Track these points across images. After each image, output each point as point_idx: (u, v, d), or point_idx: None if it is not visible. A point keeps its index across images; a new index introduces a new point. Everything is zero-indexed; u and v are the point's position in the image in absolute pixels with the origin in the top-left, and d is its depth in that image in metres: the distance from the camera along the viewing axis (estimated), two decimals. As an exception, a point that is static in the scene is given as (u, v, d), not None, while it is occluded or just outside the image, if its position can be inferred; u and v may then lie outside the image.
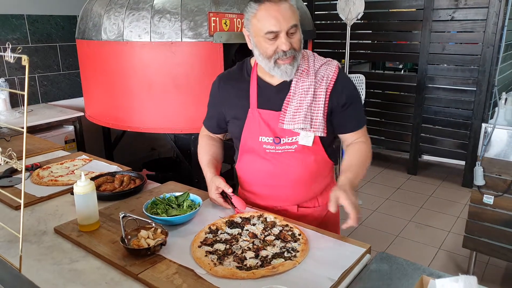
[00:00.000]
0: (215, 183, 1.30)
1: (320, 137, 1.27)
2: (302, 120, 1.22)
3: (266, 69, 1.24)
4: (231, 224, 1.17)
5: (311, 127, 1.24)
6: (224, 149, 1.51)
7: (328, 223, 1.40)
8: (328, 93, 1.26)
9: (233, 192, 1.28)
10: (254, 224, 1.17)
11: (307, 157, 1.29)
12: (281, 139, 1.27)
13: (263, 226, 1.16)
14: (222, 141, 1.53)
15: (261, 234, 1.12)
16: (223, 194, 1.30)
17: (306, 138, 1.25)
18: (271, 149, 1.28)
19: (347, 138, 1.34)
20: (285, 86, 1.27)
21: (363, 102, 3.63)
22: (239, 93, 1.32)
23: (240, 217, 1.21)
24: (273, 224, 1.17)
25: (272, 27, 1.15)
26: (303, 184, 1.32)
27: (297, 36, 1.19)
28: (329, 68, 1.27)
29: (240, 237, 1.11)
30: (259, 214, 1.22)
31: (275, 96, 1.28)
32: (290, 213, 1.35)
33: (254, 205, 1.37)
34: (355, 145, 1.32)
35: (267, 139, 1.28)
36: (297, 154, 1.28)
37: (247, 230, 1.14)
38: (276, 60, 1.19)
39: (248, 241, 1.09)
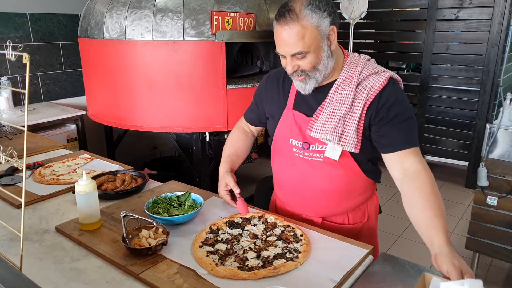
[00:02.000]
0: (225, 180, 1.30)
1: (352, 153, 1.17)
2: (331, 131, 1.13)
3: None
4: (232, 224, 1.17)
5: (339, 140, 1.14)
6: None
7: (361, 237, 1.28)
8: (367, 106, 1.12)
9: (240, 193, 1.28)
10: (254, 225, 1.17)
11: (335, 170, 1.19)
12: (310, 146, 1.20)
13: (264, 227, 1.15)
14: (253, 137, 1.49)
15: (262, 235, 1.11)
16: (232, 192, 1.30)
17: (333, 151, 1.16)
18: (300, 153, 1.23)
19: (392, 161, 1.13)
20: (325, 91, 1.19)
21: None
22: (281, 91, 1.30)
23: (241, 218, 1.21)
24: (274, 225, 1.16)
25: (278, 49, 1.13)
26: (329, 198, 1.24)
27: (306, 60, 1.10)
28: (377, 79, 1.13)
29: (241, 238, 1.10)
30: (259, 215, 1.22)
31: (312, 100, 1.21)
32: (315, 224, 1.27)
33: (282, 211, 1.36)
34: (411, 180, 1.08)
35: (297, 143, 1.23)
36: (325, 164, 1.19)
37: (247, 230, 1.14)
38: (291, 75, 1.17)
39: (249, 241, 1.08)
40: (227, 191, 1.29)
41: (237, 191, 1.27)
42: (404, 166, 1.10)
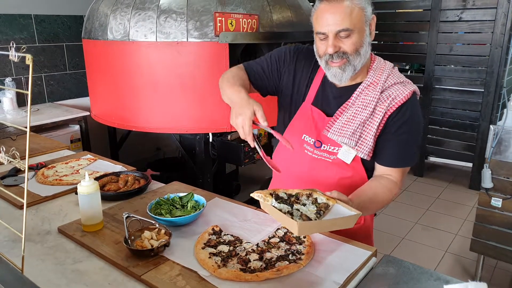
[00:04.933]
0: (254, 106, 1.03)
1: (362, 158, 1.17)
2: (349, 135, 1.12)
3: (322, 66, 1.18)
4: (278, 198, 1.03)
5: (355, 145, 1.14)
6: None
7: (358, 235, 1.24)
8: (387, 115, 1.13)
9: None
10: (304, 205, 1.03)
11: (343, 172, 1.19)
12: (323, 145, 1.19)
13: (316, 209, 1.01)
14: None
15: (263, 243, 1.11)
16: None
17: (347, 154, 1.16)
18: (310, 151, 1.21)
19: (379, 170, 1.19)
20: (348, 92, 1.18)
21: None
22: (304, 77, 1.25)
23: (285, 193, 1.06)
24: (326, 207, 1.01)
25: (320, 28, 1.10)
26: None
27: (350, 40, 1.09)
28: (402, 89, 1.13)
29: (242, 242, 1.10)
30: (307, 193, 1.05)
31: (333, 99, 1.20)
32: None
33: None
34: (383, 178, 1.17)
35: (309, 140, 1.21)
36: (333, 166, 1.19)
37: (297, 209, 1.00)
38: (327, 61, 1.13)
39: (251, 243, 1.08)
40: (252, 123, 1.02)
41: (265, 123, 1.02)
42: (384, 174, 1.19)
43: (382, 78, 1.15)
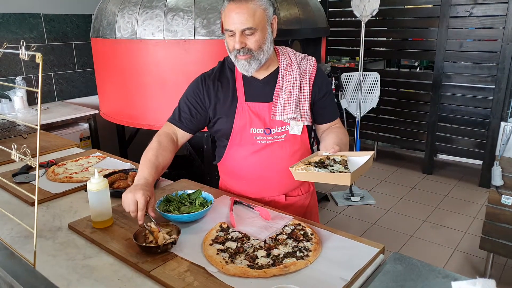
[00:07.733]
0: (148, 194, 1.11)
1: (307, 126, 1.36)
2: (293, 110, 1.30)
3: (232, 59, 1.30)
4: (317, 164, 1.13)
5: (301, 117, 1.32)
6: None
7: (312, 213, 1.50)
8: (311, 85, 1.35)
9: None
10: (332, 165, 1.14)
11: (294, 146, 1.35)
12: (272, 130, 1.32)
13: (342, 166, 1.13)
14: (177, 149, 1.41)
15: (270, 240, 1.11)
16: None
17: (296, 128, 1.33)
18: (262, 139, 1.33)
19: (323, 128, 1.41)
20: (272, 79, 1.34)
21: (377, 100, 3.60)
22: (225, 89, 1.36)
23: (310, 162, 1.15)
24: (346, 162, 1.15)
25: (228, 26, 1.22)
26: (289, 174, 1.21)
27: (254, 38, 1.22)
28: (309, 62, 1.37)
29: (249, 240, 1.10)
30: (325, 156, 1.17)
31: (262, 89, 1.34)
32: (278, 202, 1.40)
33: (242, 198, 1.36)
34: (335, 128, 1.39)
35: (258, 131, 1.32)
36: (286, 143, 1.34)
37: (332, 170, 1.10)
38: (236, 55, 1.26)
39: (259, 239, 1.08)
40: (135, 208, 1.09)
41: (152, 214, 1.11)
42: (332, 126, 1.41)
43: (293, 58, 1.36)
